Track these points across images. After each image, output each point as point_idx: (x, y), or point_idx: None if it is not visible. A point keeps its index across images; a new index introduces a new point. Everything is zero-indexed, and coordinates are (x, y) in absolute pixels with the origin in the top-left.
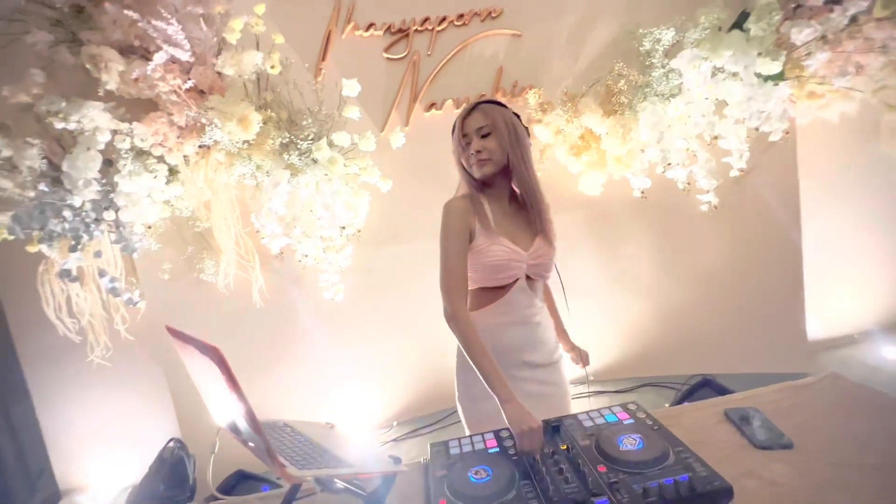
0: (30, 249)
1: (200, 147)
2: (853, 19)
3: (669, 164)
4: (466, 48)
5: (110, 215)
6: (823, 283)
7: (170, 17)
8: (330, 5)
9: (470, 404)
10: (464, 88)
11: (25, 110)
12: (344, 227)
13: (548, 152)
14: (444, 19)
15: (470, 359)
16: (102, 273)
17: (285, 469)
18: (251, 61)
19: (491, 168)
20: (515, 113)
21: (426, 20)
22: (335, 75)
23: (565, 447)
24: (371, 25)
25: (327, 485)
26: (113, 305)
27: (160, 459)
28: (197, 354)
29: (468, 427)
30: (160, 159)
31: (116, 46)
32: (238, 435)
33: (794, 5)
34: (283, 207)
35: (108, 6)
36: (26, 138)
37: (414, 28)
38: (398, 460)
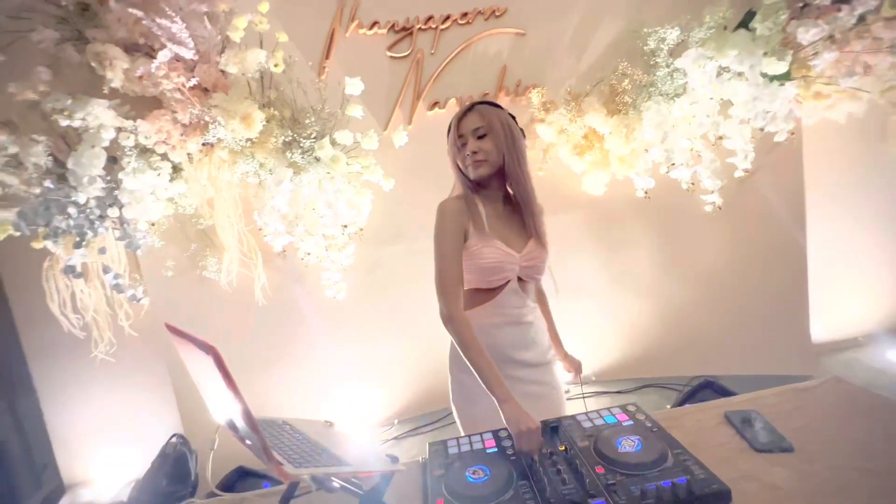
0: (35, 246)
1: (204, 145)
2: (861, 19)
3: (673, 165)
4: (470, 47)
5: (114, 212)
6: (828, 286)
7: (174, 16)
8: (334, 3)
9: (464, 405)
10: (467, 87)
11: (32, 107)
12: (346, 226)
13: (551, 152)
14: (448, 18)
15: (467, 359)
16: (106, 269)
17: (282, 467)
18: (255, 59)
19: (487, 169)
20: (511, 115)
21: (430, 18)
22: (338, 73)
23: (563, 448)
24: (375, 24)
25: (323, 483)
26: (117, 302)
27: (162, 455)
28: (195, 352)
29: (463, 428)
30: (164, 157)
31: (121, 44)
32: (236, 432)
33: (802, 4)
34: (286, 205)
35: (113, 4)
36: (32, 135)
37: (417, 26)
38: (395, 459)
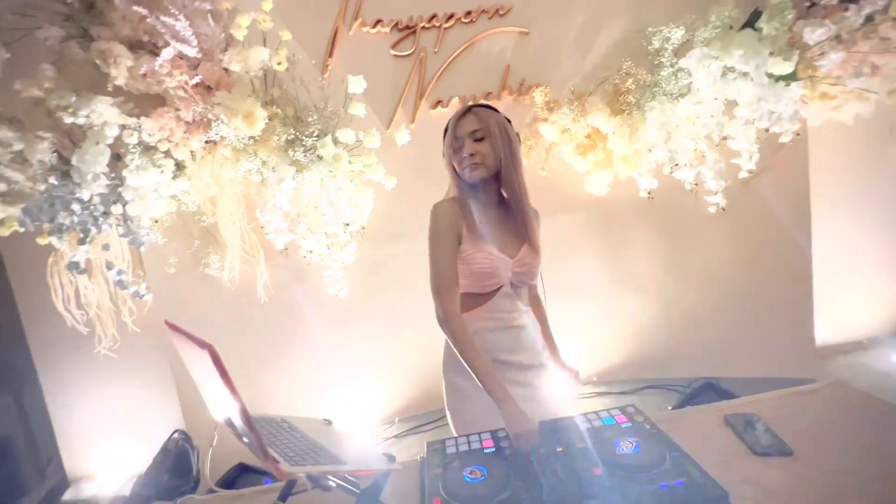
0: (40, 241)
1: (207, 142)
2: (869, 18)
3: (677, 165)
4: (474, 45)
5: (118, 209)
6: (833, 288)
7: (178, 14)
8: (337, 1)
9: (458, 408)
10: (470, 86)
11: (37, 104)
12: (348, 224)
13: (553, 151)
14: (452, 16)
15: (464, 360)
16: (110, 266)
17: (278, 465)
18: (258, 58)
19: (483, 172)
20: (507, 118)
21: (434, 17)
22: (342, 72)
23: (561, 449)
24: (378, 22)
25: (319, 482)
26: (120, 298)
27: (164, 450)
28: (193, 349)
29: (456, 431)
30: (167, 154)
31: (126, 42)
32: (234, 430)
33: (808, 4)
34: (288, 203)
35: (118, 2)
36: (37, 132)
37: (421, 25)
38: (392, 459)
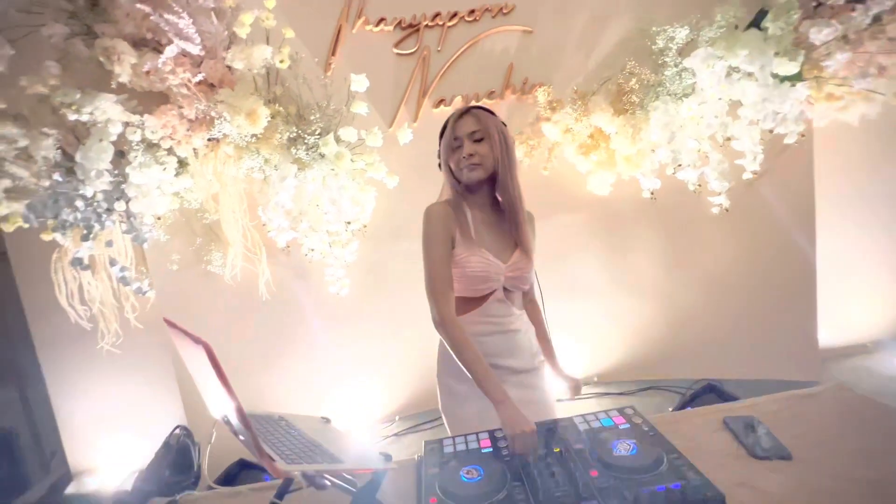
0: (44, 237)
1: (210, 140)
2: (876, 18)
3: (680, 165)
4: (477, 44)
5: (121, 206)
6: (837, 291)
7: (181, 11)
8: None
9: (453, 410)
10: (473, 85)
11: (42, 101)
12: (349, 223)
13: (556, 151)
14: (455, 15)
15: (461, 363)
16: (113, 262)
17: (274, 463)
18: (260, 55)
19: (481, 173)
20: (503, 122)
21: (437, 15)
22: (345, 70)
23: (558, 450)
24: (381, 20)
25: (314, 480)
26: (123, 294)
27: (166, 446)
28: (191, 346)
29: (452, 432)
30: (170, 151)
31: (129, 39)
32: (231, 427)
33: (815, 4)
34: (290, 201)
35: None
36: (42, 129)
37: (424, 23)
38: (389, 458)
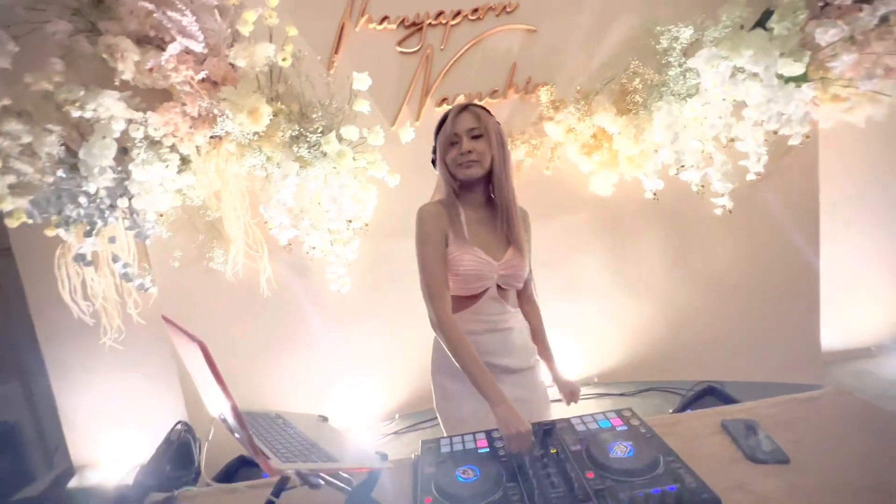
0: (48, 233)
1: (212, 138)
2: (883, 19)
3: (683, 166)
4: (480, 43)
5: (124, 202)
6: (840, 293)
7: (184, 9)
8: None
9: (447, 409)
10: (476, 84)
11: (46, 98)
12: (351, 221)
13: (558, 150)
14: (459, 13)
15: (458, 363)
16: (116, 258)
17: (268, 461)
18: (263, 53)
19: (478, 171)
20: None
21: (440, 14)
22: (347, 68)
23: (555, 451)
24: (385, 18)
25: (308, 479)
26: (126, 290)
27: (167, 441)
28: (188, 345)
29: (446, 431)
30: (172, 148)
31: (133, 37)
32: (227, 424)
33: (822, 4)
34: (292, 199)
35: None
36: (46, 125)
37: (428, 22)
38: (385, 457)
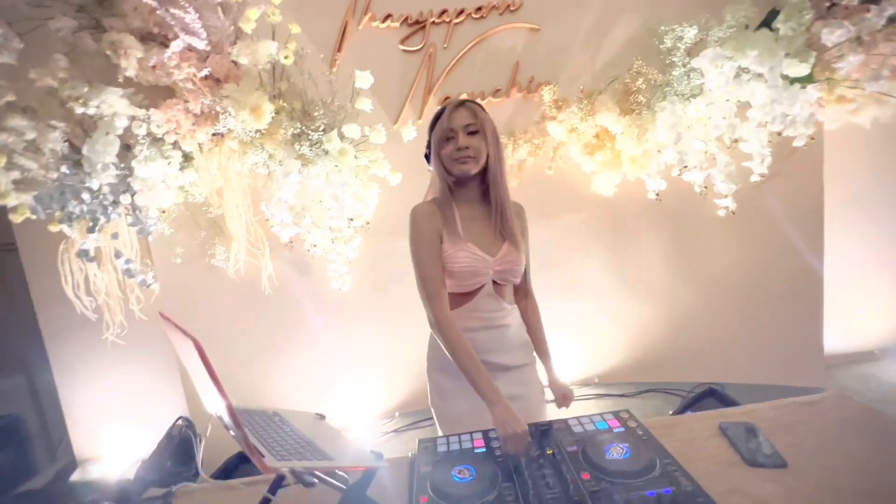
0: (51, 229)
1: (214, 135)
2: (891, 20)
3: (686, 167)
4: (483, 41)
5: (127, 199)
6: (844, 296)
7: (187, 6)
8: None
9: (442, 406)
10: (479, 82)
11: (50, 94)
12: (352, 219)
13: (561, 150)
14: (462, 12)
15: (456, 363)
16: (118, 254)
17: (263, 459)
18: (265, 51)
19: (474, 167)
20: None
21: (444, 12)
22: (350, 66)
23: (551, 452)
24: (388, 17)
25: (301, 477)
26: (128, 286)
27: (168, 436)
28: (184, 342)
29: (441, 429)
30: (175, 146)
31: (137, 34)
32: (222, 421)
33: (828, 4)
34: (294, 197)
35: None
36: (50, 121)
37: (431, 20)
38: (380, 456)
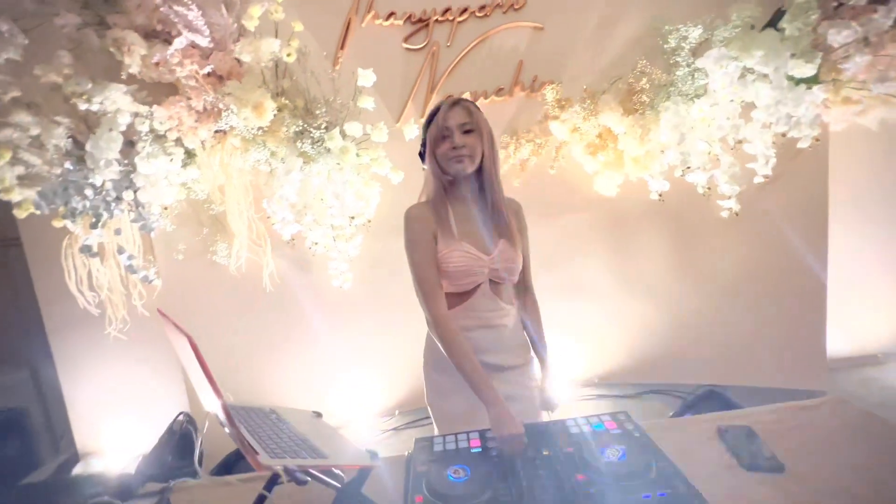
0: (55, 224)
1: (217, 132)
2: None
3: (689, 168)
4: (487, 40)
5: (129, 195)
6: (848, 299)
7: (190, 3)
8: None
9: (438, 403)
10: (482, 81)
11: (55, 90)
12: (353, 217)
13: (563, 150)
14: (466, 10)
15: (454, 363)
16: (121, 250)
17: (257, 456)
18: (268, 49)
19: (469, 166)
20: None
21: (447, 10)
22: (353, 64)
23: (547, 453)
24: (391, 14)
25: (295, 475)
26: (131, 282)
27: (169, 431)
28: (180, 339)
29: (438, 426)
30: (178, 142)
31: (141, 31)
32: (218, 418)
33: (835, 4)
34: (295, 195)
35: None
36: (55, 117)
37: (434, 18)
38: (376, 455)
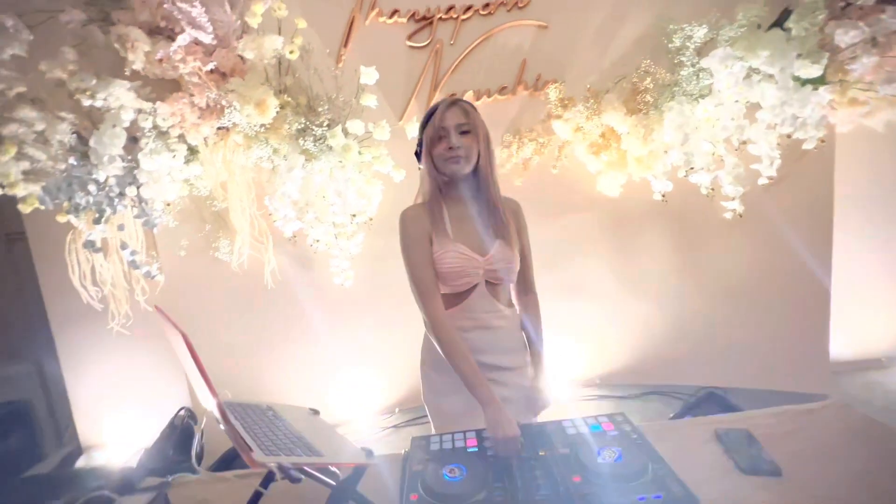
0: (59, 219)
1: (219, 129)
2: None
3: (692, 168)
4: (490, 38)
5: (132, 191)
6: (852, 302)
7: (194, 0)
8: None
9: (435, 402)
10: (485, 80)
11: (60, 86)
12: (355, 215)
13: (566, 149)
14: (470, 8)
15: (451, 363)
16: (124, 246)
17: (251, 453)
18: (272, 46)
19: (465, 166)
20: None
21: (451, 8)
22: (356, 62)
23: (543, 453)
24: (395, 12)
25: (288, 473)
26: (134, 277)
27: (171, 426)
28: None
29: (434, 425)
30: (181, 139)
31: (145, 27)
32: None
33: (843, 4)
34: (297, 192)
35: None
36: (59, 113)
37: (438, 16)
38: (371, 453)
